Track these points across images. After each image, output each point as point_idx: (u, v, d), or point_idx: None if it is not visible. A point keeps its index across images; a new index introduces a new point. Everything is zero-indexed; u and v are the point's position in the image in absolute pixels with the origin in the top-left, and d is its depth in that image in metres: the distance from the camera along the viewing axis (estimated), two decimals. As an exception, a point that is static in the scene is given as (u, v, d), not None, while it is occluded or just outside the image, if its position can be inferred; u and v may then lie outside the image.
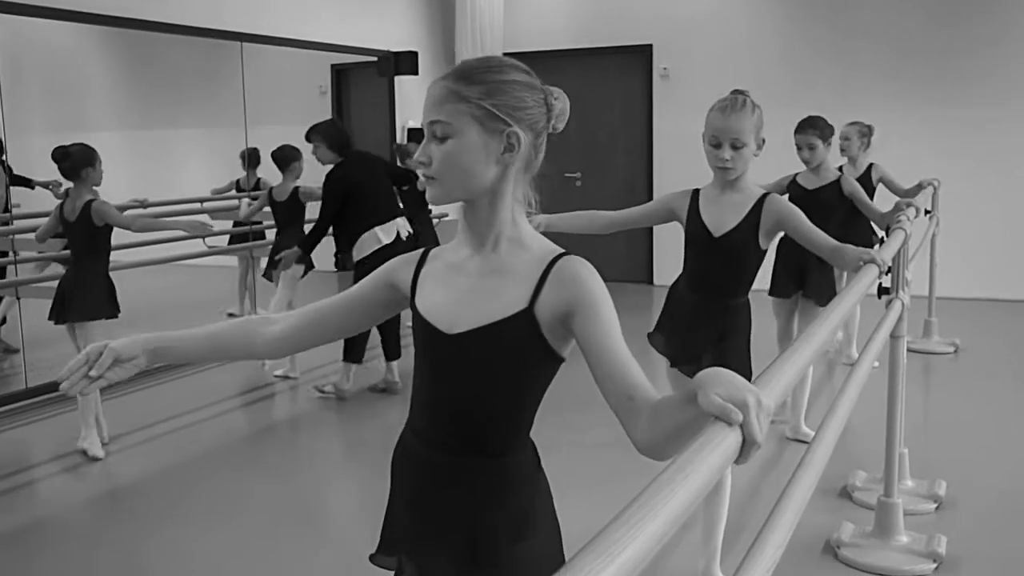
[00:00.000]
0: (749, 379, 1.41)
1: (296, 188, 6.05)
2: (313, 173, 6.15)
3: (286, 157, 6.06)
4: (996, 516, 3.72)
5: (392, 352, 5.69)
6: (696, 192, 2.94)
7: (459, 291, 1.55)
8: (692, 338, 2.94)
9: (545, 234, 1.63)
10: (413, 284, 1.62)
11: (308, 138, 5.45)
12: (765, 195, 2.87)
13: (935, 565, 3.24)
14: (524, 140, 1.51)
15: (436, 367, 1.59)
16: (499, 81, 1.50)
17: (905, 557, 3.28)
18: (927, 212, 5.60)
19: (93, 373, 1.57)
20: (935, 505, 3.76)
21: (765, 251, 2.91)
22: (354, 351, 5.56)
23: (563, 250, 1.54)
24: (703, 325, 2.91)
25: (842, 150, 5.94)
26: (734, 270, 2.89)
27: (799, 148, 4.64)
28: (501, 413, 1.57)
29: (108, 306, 4.61)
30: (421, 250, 1.66)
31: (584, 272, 1.49)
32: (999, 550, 3.43)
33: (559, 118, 1.56)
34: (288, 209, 6.08)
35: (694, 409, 1.20)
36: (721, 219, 2.86)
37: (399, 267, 1.66)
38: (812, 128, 4.61)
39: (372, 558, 1.76)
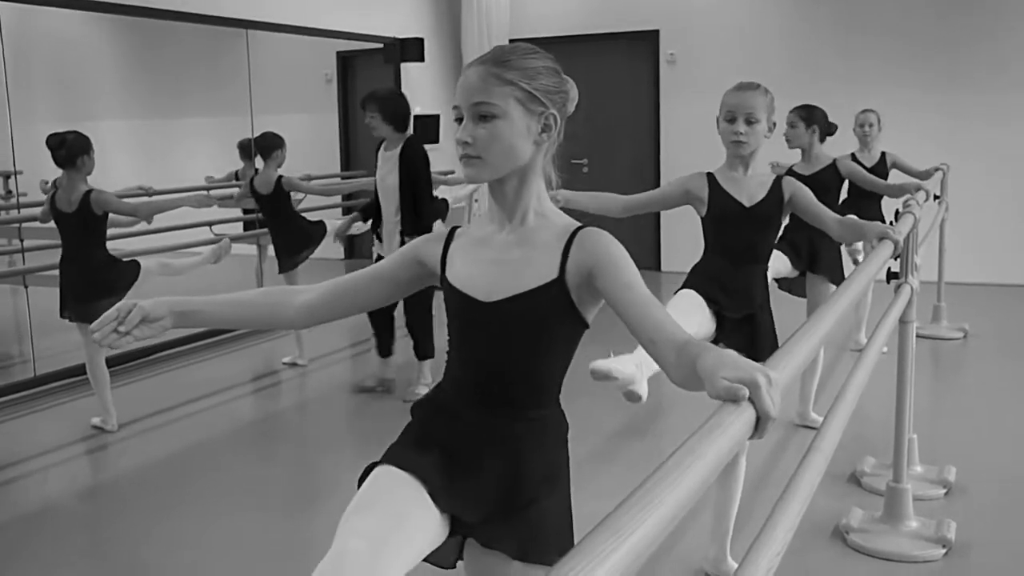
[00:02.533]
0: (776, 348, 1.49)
1: (280, 178, 5.74)
2: (292, 163, 6.05)
3: (268, 145, 5.75)
4: (1006, 501, 3.71)
5: (386, 349, 5.35)
6: (711, 174, 3.01)
7: (491, 263, 1.67)
8: (732, 287, 2.98)
9: (563, 210, 1.75)
10: (443, 260, 1.73)
11: (363, 105, 5.04)
12: (780, 176, 3.06)
13: (944, 550, 3.23)
14: (559, 121, 1.65)
15: (472, 333, 1.71)
16: (534, 66, 1.63)
17: (914, 542, 3.27)
18: (936, 197, 5.59)
19: (122, 329, 1.65)
20: (944, 490, 3.75)
21: (781, 226, 3.08)
22: (424, 348, 5.21)
23: (581, 223, 1.67)
24: (740, 283, 2.99)
25: (863, 137, 5.92)
26: (762, 237, 3.03)
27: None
28: (532, 373, 1.68)
29: (107, 301, 4.59)
30: (448, 228, 1.77)
31: (603, 236, 1.62)
32: (1009, 535, 3.42)
33: (572, 103, 1.70)
34: (273, 201, 5.77)
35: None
36: (750, 193, 2.97)
37: (426, 244, 1.77)
38: (799, 108, 4.72)
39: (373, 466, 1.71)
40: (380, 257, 4.98)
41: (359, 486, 1.69)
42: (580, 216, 1.81)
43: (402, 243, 4.90)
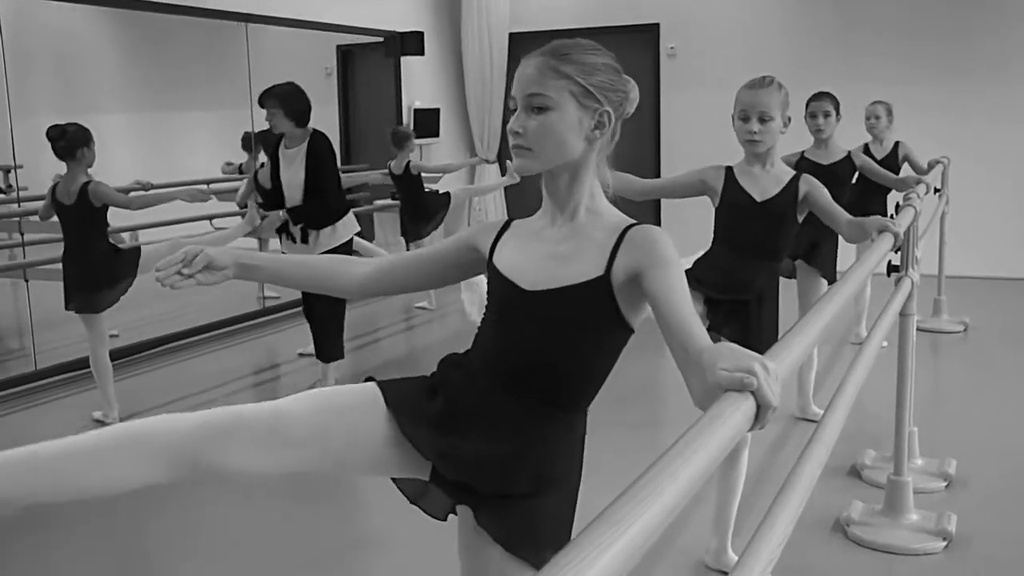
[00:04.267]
0: None
1: None
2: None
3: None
4: (1006, 494, 3.71)
5: (333, 352, 5.02)
6: (729, 168, 3.02)
7: (539, 254, 1.67)
8: (732, 275, 2.96)
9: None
10: (493, 247, 1.74)
11: (262, 103, 4.91)
12: (798, 173, 3.02)
13: (945, 543, 3.23)
14: (613, 120, 1.63)
15: (510, 318, 1.69)
16: (593, 62, 1.62)
17: (915, 535, 3.27)
18: (936, 190, 5.58)
19: (186, 271, 1.70)
20: (945, 483, 3.75)
21: (798, 223, 3.03)
22: (332, 349, 5.01)
23: (636, 220, 1.65)
24: (741, 274, 2.96)
25: (871, 129, 5.91)
26: (774, 233, 2.99)
27: (814, 116, 4.67)
28: (562, 370, 1.65)
29: (112, 291, 4.59)
30: (504, 219, 1.80)
31: (657, 234, 1.60)
32: (1009, 528, 3.42)
33: (631, 104, 1.68)
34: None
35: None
36: (763, 188, 2.96)
37: (481, 232, 1.79)
38: (829, 97, 4.70)
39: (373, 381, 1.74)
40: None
41: None
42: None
43: (304, 235, 4.84)
